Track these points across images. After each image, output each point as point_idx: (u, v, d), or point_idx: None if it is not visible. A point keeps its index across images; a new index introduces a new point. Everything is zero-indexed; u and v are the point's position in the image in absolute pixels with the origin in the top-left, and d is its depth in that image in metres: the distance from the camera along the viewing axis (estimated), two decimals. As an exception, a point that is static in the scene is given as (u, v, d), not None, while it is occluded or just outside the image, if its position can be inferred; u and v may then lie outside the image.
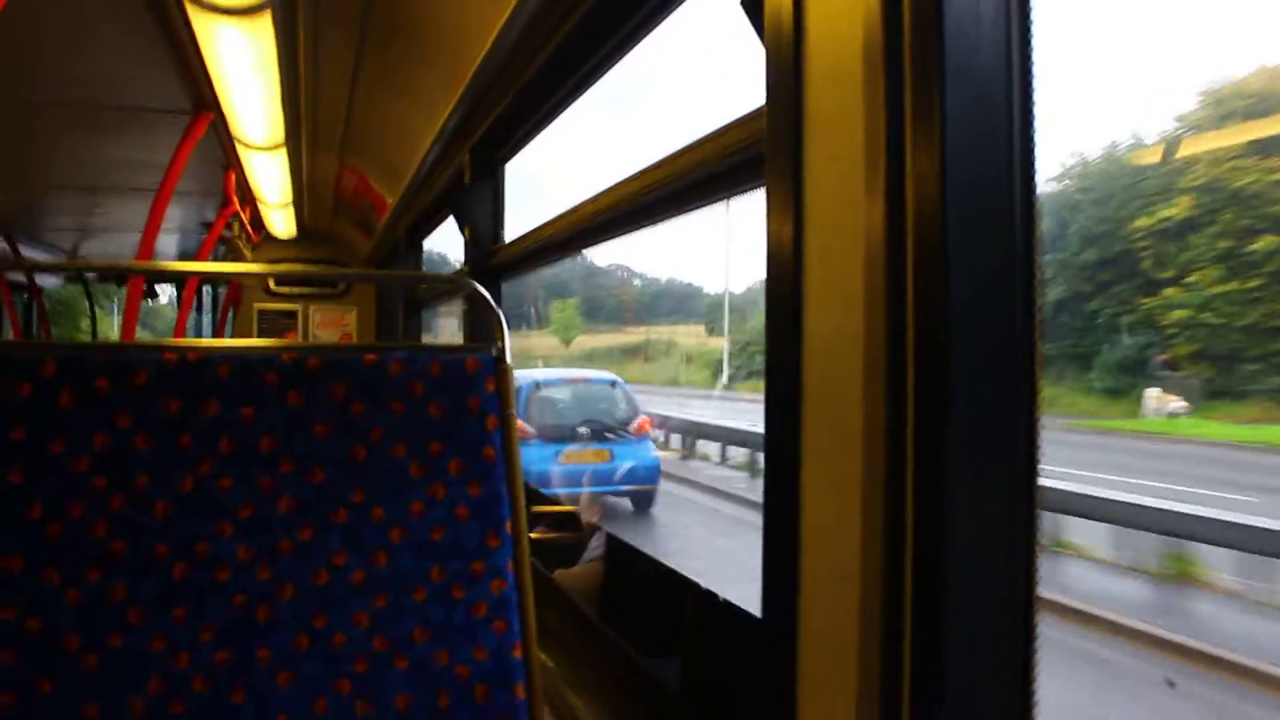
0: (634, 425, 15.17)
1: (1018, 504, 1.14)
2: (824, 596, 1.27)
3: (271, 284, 8.61)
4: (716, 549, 12.89)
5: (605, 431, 14.95)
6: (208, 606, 1.68)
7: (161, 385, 1.69)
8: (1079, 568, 12.25)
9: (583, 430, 14.78)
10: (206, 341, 1.82)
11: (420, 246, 6.49)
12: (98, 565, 1.64)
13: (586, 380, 16.23)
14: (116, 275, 13.25)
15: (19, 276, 12.10)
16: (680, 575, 2.55)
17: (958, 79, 1.11)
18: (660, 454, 16.81)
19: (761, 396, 1.42)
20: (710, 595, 2.28)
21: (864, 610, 1.19)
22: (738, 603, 2.11)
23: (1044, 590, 1.16)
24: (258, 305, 8.66)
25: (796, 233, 1.31)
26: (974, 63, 1.12)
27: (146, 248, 4.90)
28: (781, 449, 1.35)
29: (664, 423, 20.73)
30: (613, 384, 16.04)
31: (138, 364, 1.68)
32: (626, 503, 15.25)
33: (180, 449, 1.69)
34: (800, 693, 1.31)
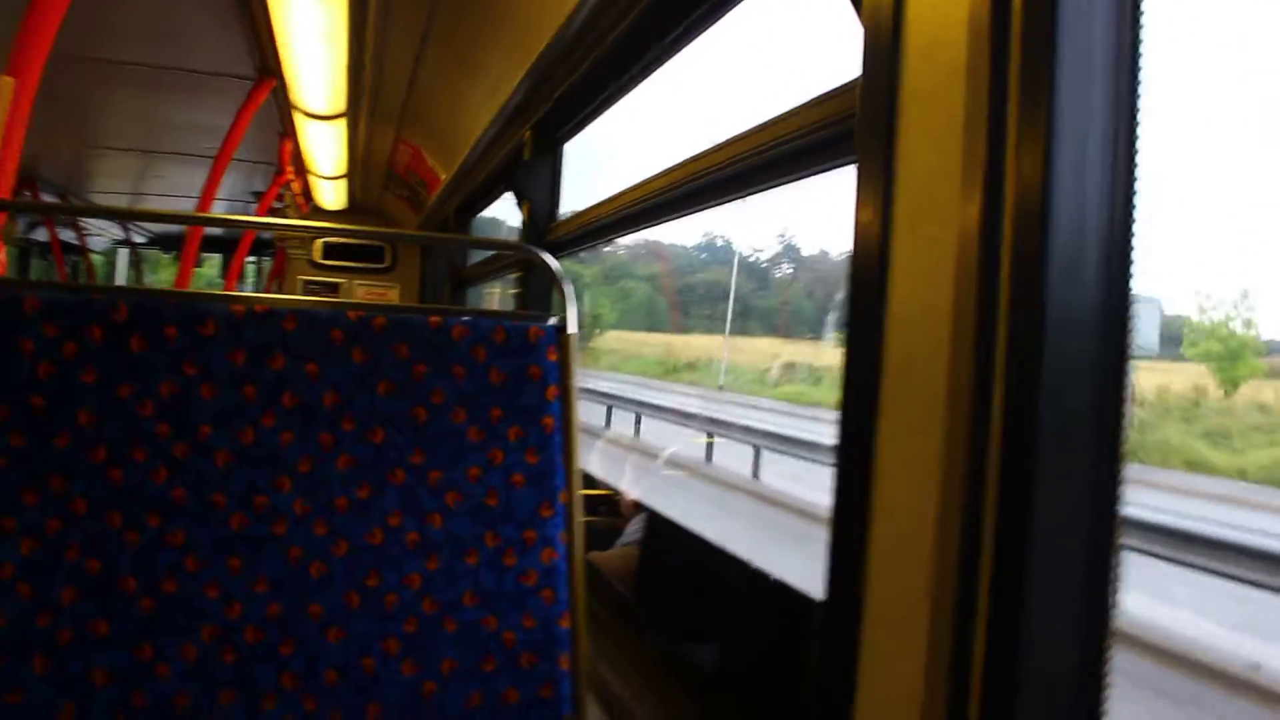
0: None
1: (1103, 491, 1.12)
2: (892, 575, 1.26)
3: (318, 255, 8.64)
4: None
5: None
6: (263, 558, 1.69)
7: (229, 336, 1.70)
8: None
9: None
10: (273, 295, 1.84)
11: (468, 228, 6.49)
12: (158, 511, 1.65)
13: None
14: (164, 242, 13.40)
15: (70, 237, 12.23)
16: (729, 554, 2.54)
17: (1069, 54, 1.10)
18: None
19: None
20: (762, 576, 2.27)
21: (935, 587, 1.17)
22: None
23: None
24: (301, 277, 8.69)
25: (886, 206, 1.30)
26: (1085, 37, 1.11)
27: (204, 210, 4.94)
28: (856, 423, 1.34)
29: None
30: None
31: (206, 314, 1.69)
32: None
33: (244, 400, 1.70)
34: (862, 670, 1.30)
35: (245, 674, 1.67)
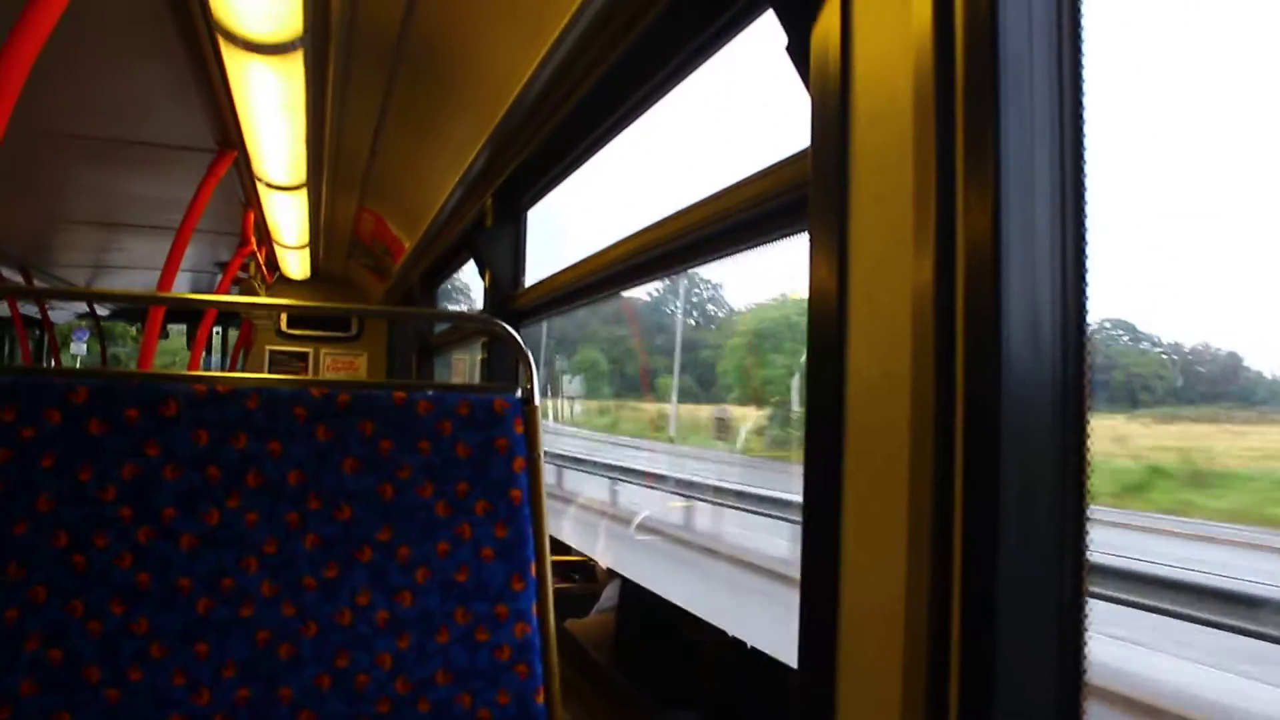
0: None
1: (1067, 547, 1.12)
2: (865, 642, 1.24)
3: (284, 325, 8.63)
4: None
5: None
6: (231, 642, 1.66)
7: (191, 416, 1.69)
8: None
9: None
10: (235, 374, 1.82)
11: (435, 294, 6.49)
12: (121, 597, 1.62)
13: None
14: (129, 313, 13.33)
15: (32, 311, 12.14)
16: (706, 622, 2.52)
17: (1012, 116, 1.11)
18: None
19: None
20: (738, 644, 2.25)
21: (908, 656, 1.16)
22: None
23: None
24: (269, 346, 8.67)
25: (841, 274, 1.30)
26: (1027, 100, 1.11)
27: (166, 284, 4.91)
28: (821, 491, 1.33)
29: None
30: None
31: (168, 394, 1.68)
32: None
33: (207, 481, 1.69)
34: None
35: None
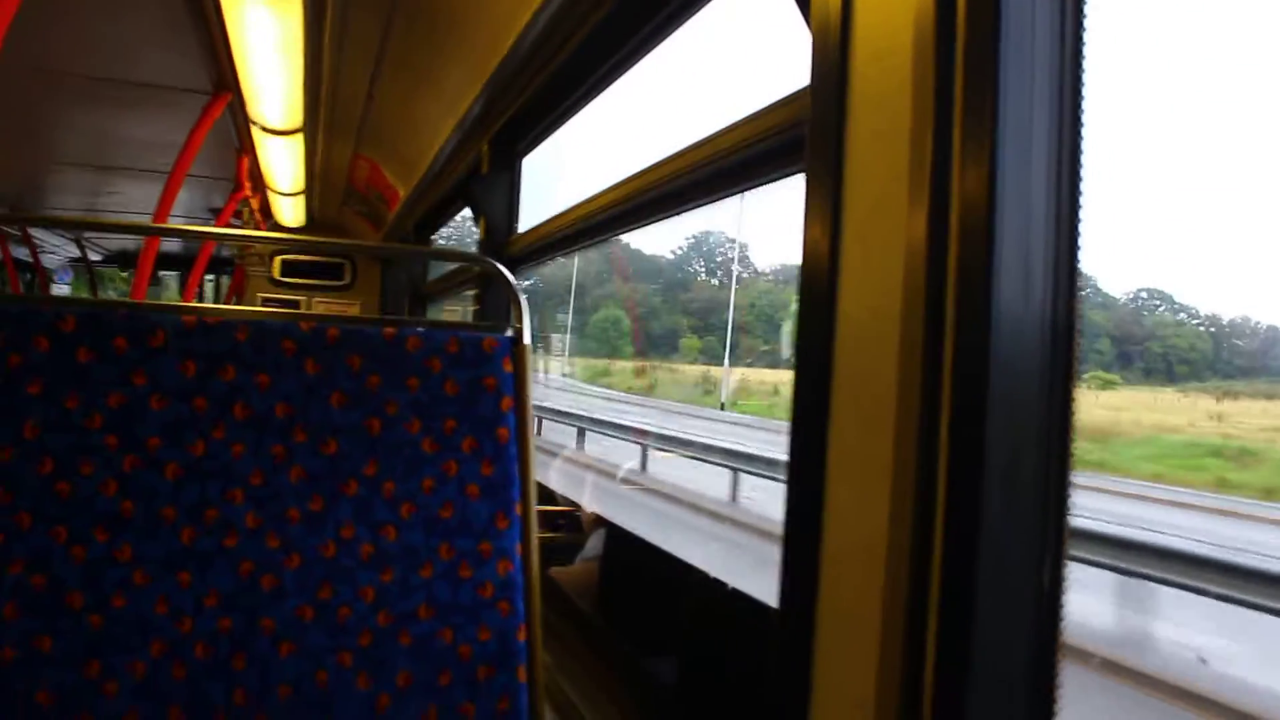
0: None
1: (1050, 497, 1.13)
2: (845, 582, 1.26)
3: (276, 272, 8.58)
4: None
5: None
6: (213, 572, 1.67)
7: (179, 347, 1.69)
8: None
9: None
10: (225, 306, 1.83)
11: (428, 243, 6.47)
12: (105, 525, 1.63)
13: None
14: (121, 259, 13.27)
15: (24, 255, 12.09)
16: (687, 564, 2.53)
17: (1012, 65, 1.11)
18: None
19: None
20: (718, 584, 2.26)
21: (887, 594, 1.17)
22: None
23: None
24: (261, 294, 8.63)
25: (835, 212, 1.30)
26: (1028, 50, 1.11)
27: (160, 222, 4.88)
28: (807, 432, 1.34)
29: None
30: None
31: (157, 324, 1.68)
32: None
33: (194, 412, 1.69)
34: (816, 679, 1.30)
35: (196, 691, 1.65)
